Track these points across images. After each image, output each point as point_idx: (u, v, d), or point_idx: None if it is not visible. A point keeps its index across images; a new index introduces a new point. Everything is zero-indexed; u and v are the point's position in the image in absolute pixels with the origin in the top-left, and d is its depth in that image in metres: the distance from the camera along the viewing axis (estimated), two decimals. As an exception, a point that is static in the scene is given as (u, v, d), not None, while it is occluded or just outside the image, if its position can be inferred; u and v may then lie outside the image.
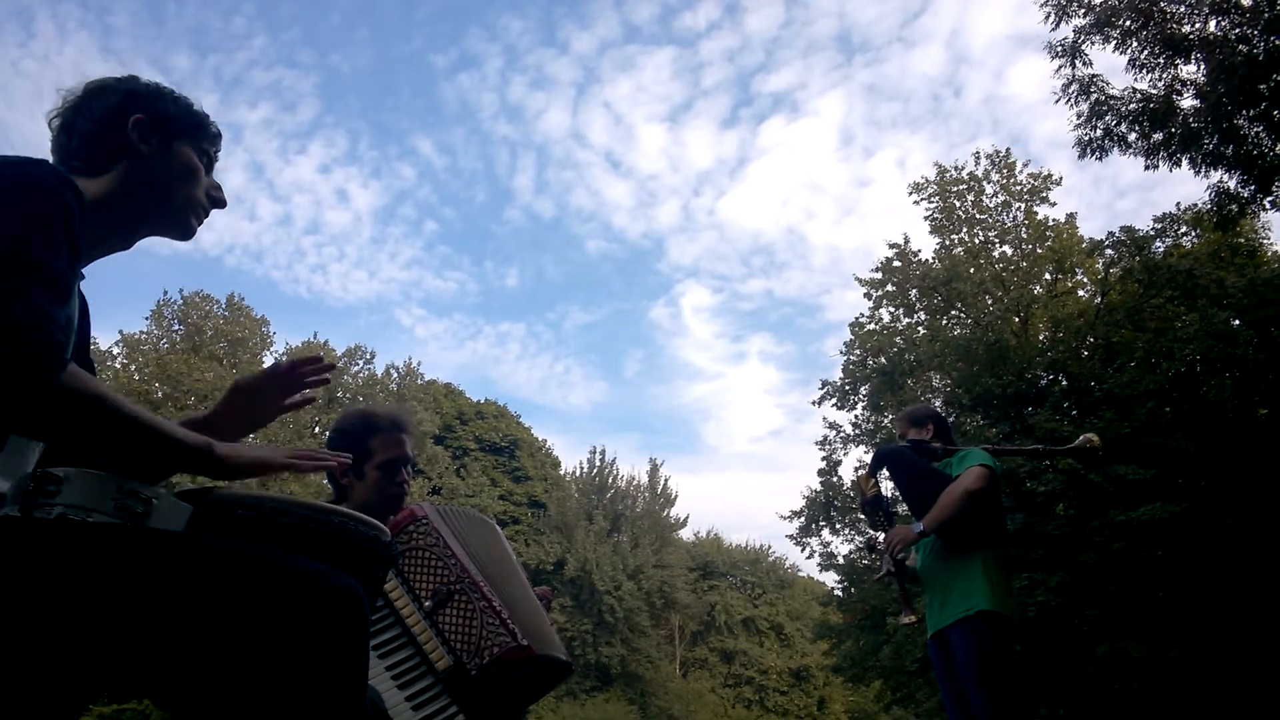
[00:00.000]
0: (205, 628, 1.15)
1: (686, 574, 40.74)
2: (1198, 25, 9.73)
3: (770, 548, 45.58)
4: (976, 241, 19.45)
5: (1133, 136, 10.20)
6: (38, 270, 1.15)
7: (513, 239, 63.03)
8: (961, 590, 3.73)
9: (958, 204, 19.46)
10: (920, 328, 19.28)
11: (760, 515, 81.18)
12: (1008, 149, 19.40)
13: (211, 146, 1.57)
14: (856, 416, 19.69)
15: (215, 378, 25.34)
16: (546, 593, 2.93)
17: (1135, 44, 9.93)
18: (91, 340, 1.50)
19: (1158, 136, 10.06)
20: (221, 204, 1.59)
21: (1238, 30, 9.38)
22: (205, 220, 1.56)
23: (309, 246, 58.83)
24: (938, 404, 17.17)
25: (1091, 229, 26.03)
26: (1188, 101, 9.99)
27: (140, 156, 1.46)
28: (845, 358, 19.97)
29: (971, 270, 18.62)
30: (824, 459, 19.99)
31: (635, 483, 41.27)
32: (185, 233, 1.54)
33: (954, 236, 19.53)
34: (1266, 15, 9.01)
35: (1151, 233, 15.29)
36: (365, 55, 58.51)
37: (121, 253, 1.52)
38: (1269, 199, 10.33)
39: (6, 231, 1.15)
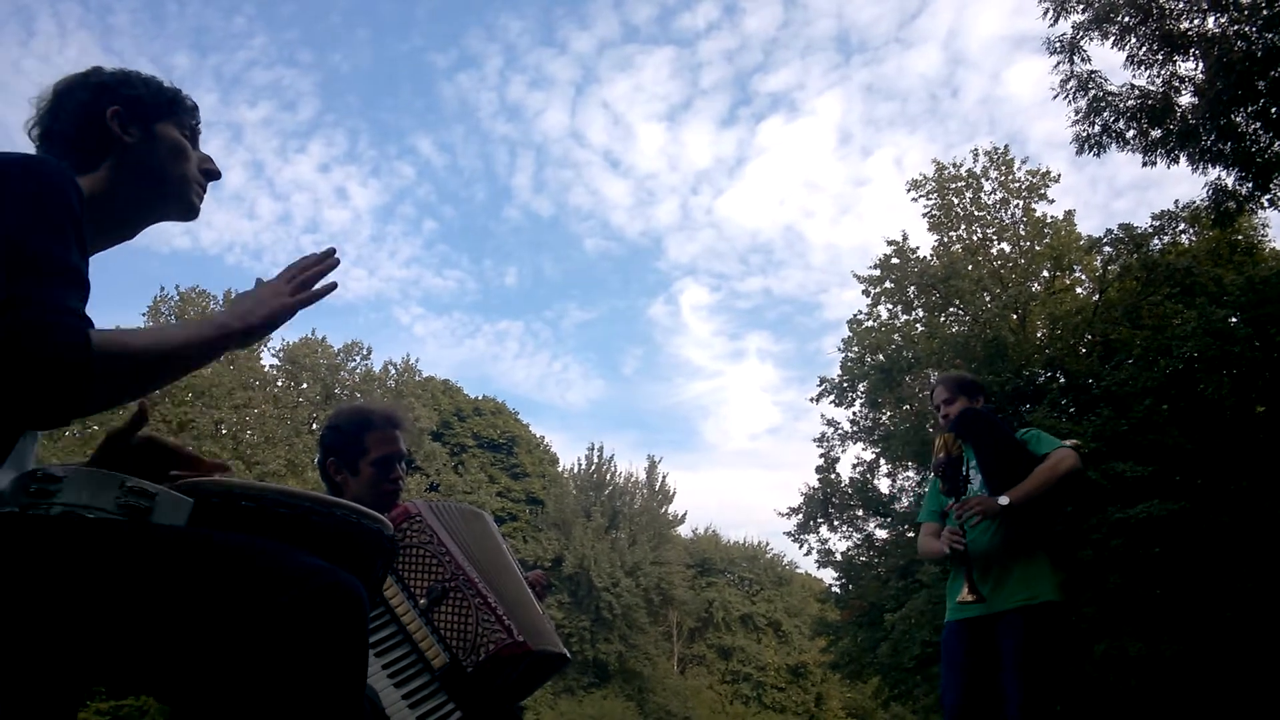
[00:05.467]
0: (205, 623, 1.14)
1: (684, 571, 40.77)
2: (1196, 22, 9.72)
3: (768, 544, 45.65)
4: (975, 239, 19.47)
5: (1130, 133, 10.19)
6: (50, 261, 1.15)
7: (511, 237, 63.00)
8: (1022, 576, 3.48)
9: (956, 201, 19.47)
10: (918, 325, 19.29)
11: (758, 512, 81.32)
12: (1006, 146, 19.44)
13: (192, 120, 1.56)
14: (854, 414, 19.77)
15: (211, 374, 25.30)
16: (540, 577, 2.92)
17: (1134, 40, 9.92)
18: None
19: (1155, 133, 10.05)
20: (216, 175, 1.58)
21: (1236, 27, 9.38)
22: (204, 195, 1.55)
23: (308, 245, 58.88)
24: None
25: (1088, 229, 26.04)
26: (1186, 98, 9.99)
27: (126, 147, 1.46)
28: (843, 355, 20.03)
29: (970, 267, 18.63)
30: (822, 456, 20.09)
31: (633, 480, 41.27)
32: (189, 212, 1.54)
33: (952, 234, 19.56)
34: (1265, 12, 9.00)
35: (1150, 230, 15.34)
36: (365, 54, 58.42)
37: (122, 249, 1.52)
38: (1267, 196, 10.33)
39: (15, 223, 1.15)
